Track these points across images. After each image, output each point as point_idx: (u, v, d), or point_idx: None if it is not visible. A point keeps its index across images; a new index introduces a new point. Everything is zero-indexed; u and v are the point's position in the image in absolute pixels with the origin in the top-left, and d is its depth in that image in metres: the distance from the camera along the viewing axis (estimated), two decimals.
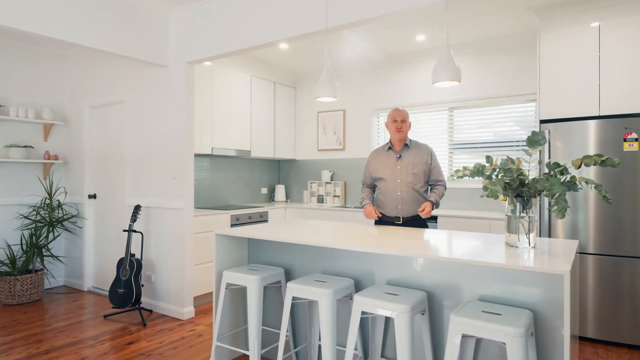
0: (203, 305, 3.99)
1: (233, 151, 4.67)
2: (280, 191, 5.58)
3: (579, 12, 3.24)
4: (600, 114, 3.19)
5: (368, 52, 4.59)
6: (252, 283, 2.41)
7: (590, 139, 3.18)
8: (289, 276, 2.69)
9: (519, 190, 2.02)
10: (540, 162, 3.33)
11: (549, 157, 3.39)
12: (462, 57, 4.43)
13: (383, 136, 5.03)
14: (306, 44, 4.38)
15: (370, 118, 5.07)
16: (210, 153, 4.38)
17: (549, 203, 1.90)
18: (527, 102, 4.11)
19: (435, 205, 2.92)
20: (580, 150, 3.22)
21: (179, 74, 3.67)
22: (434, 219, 3.98)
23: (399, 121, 2.98)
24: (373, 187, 3.21)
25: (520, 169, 2.02)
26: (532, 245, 2.02)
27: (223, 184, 5.01)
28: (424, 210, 2.85)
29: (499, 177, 2.06)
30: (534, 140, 1.87)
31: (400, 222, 2.97)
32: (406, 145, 3.02)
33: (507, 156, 1.96)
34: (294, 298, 2.21)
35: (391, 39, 4.20)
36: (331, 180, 5.37)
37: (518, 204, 2.04)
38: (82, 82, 4.60)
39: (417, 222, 2.97)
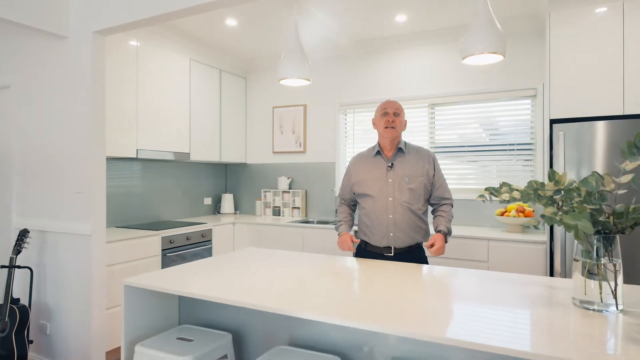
0: None
1: (167, 154, 3.69)
2: (227, 202, 4.65)
3: None
4: (625, 113, 2.62)
5: (335, 36, 3.79)
6: None
7: (606, 143, 2.59)
8: (240, 348, 1.82)
9: (602, 223, 1.31)
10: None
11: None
12: (445, 45, 3.75)
13: (352, 136, 4.26)
14: (260, 21, 3.50)
15: (337, 115, 4.28)
16: (135, 156, 3.38)
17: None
18: (521, 99, 3.50)
19: (448, 234, 2.15)
20: (592, 157, 2.62)
21: (83, 48, 2.67)
22: None
23: (390, 113, 2.19)
24: (353, 204, 2.41)
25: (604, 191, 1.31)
26: (620, 308, 1.31)
27: (155, 195, 4.00)
28: (434, 245, 2.04)
29: (568, 201, 1.34)
30: None
31: (392, 255, 2.19)
32: (400, 150, 2.21)
33: (595, 172, 1.23)
34: None
35: (364, 19, 3.44)
36: (289, 188, 4.52)
37: (597, 243, 1.34)
38: None
39: (413, 254, 2.19)
